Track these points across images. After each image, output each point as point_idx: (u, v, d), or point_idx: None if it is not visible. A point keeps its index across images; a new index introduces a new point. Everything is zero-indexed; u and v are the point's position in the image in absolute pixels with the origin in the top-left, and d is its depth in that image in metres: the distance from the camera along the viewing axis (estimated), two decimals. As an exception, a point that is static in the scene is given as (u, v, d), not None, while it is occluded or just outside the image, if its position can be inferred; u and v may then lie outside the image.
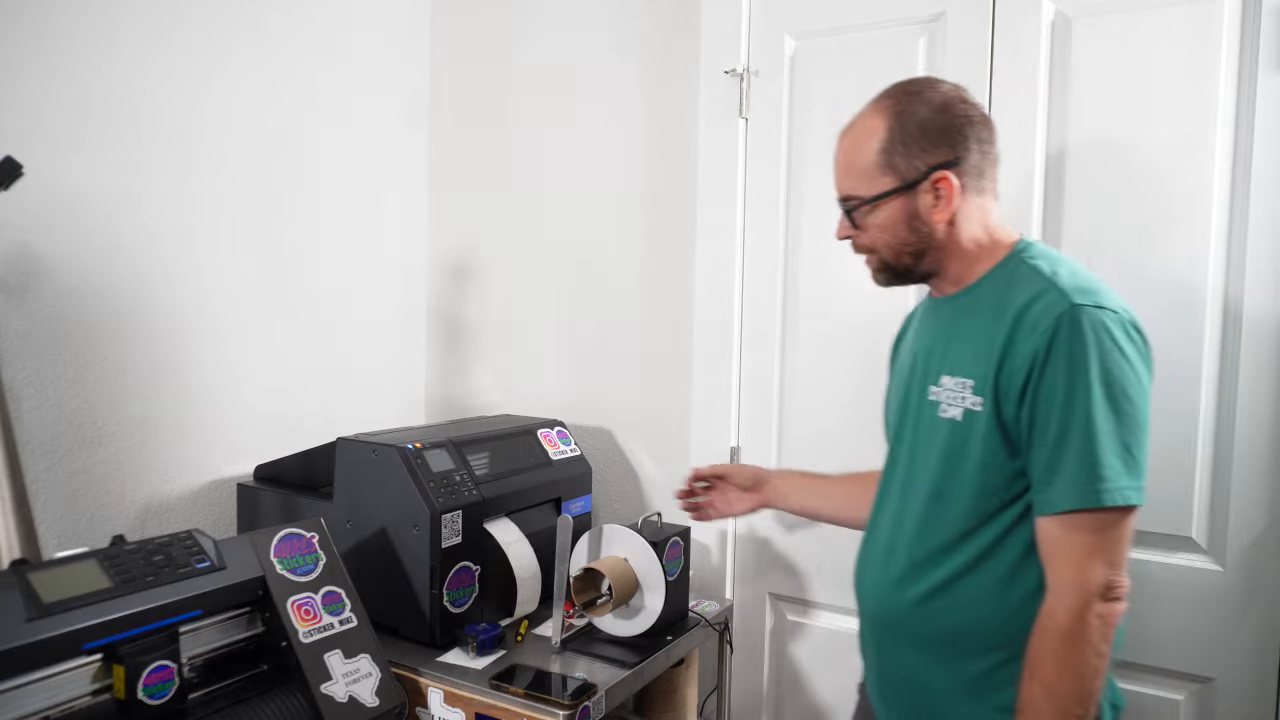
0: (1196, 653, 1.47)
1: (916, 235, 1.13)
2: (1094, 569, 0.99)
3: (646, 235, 1.98)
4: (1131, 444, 1.00)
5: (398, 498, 1.52)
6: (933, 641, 1.12)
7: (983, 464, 1.07)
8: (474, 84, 2.22)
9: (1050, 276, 1.06)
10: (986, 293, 1.12)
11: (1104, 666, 1.00)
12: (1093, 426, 0.98)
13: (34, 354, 1.51)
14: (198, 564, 1.22)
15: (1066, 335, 1.00)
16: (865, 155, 1.12)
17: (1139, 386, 1.01)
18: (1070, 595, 1.00)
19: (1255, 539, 1.42)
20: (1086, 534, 1.00)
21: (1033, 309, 1.03)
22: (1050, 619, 1.01)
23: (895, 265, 1.16)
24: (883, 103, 1.14)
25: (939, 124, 1.10)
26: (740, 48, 1.83)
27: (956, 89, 1.14)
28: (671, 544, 1.59)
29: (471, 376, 2.26)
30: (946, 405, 1.11)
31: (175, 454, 1.73)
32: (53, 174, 1.52)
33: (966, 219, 1.13)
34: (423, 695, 1.43)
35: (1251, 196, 1.40)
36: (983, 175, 1.14)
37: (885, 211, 1.13)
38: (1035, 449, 1.03)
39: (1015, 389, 1.03)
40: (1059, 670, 0.99)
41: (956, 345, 1.13)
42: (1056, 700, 0.99)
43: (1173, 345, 1.46)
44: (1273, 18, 1.38)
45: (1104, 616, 1.00)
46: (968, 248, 1.14)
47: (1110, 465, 0.98)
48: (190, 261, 1.74)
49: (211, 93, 1.76)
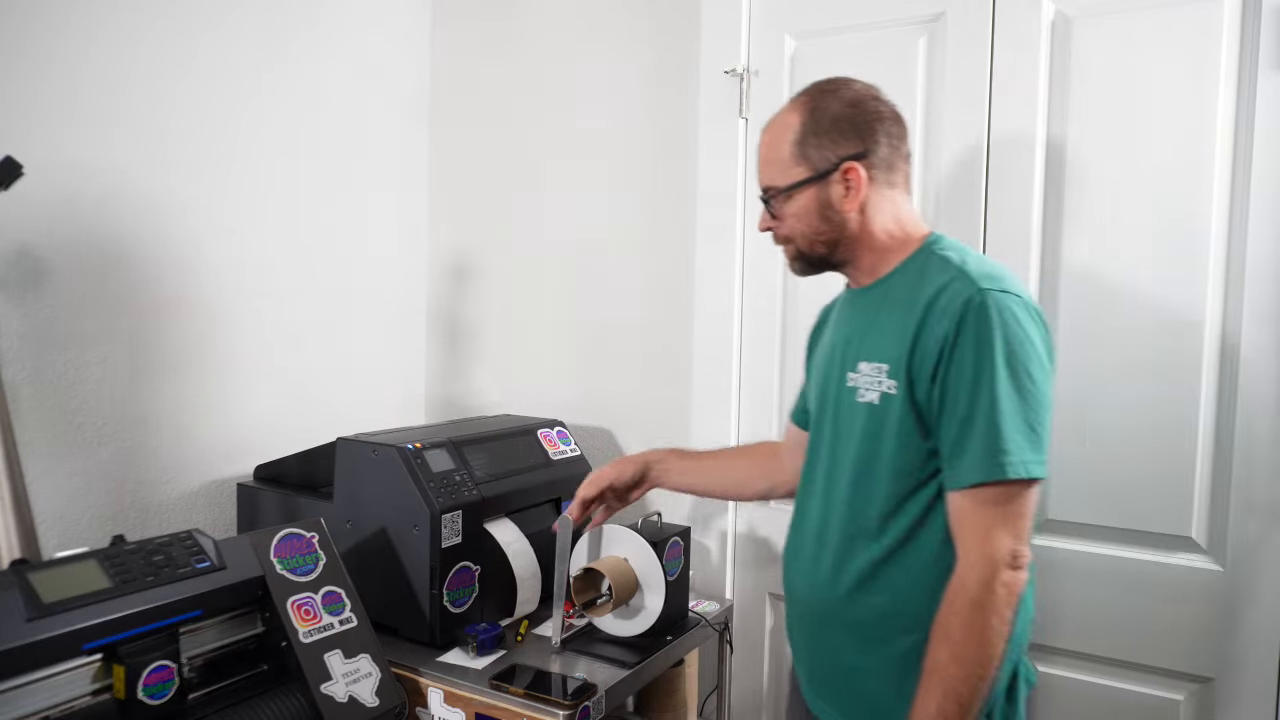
0: (1196, 653, 1.47)
1: (829, 224, 1.19)
2: (1000, 539, 1.04)
3: (647, 235, 1.98)
4: (1034, 421, 1.05)
5: (398, 498, 1.52)
6: (864, 624, 1.17)
7: (898, 444, 1.12)
8: (474, 84, 2.22)
9: (959, 265, 1.11)
10: (900, 283, 1.17)
11: (1007, 632, 1.05)
12: (997, 404, 1.04)
13: (34, 354, 1.51)
14: (198, 564, 1.22)
15: (974, 319, 1.05)
16: (781, 148, 1.19)
17: (1041, 367, 1.07)
18: (979, 565, 1.05)
19: (1255, 539, 1.42)
20: (992, 506, 1.05)
21: (943, 296, 1.09)
22: (960, 586, 1.06)
23: (810, 254, 1.22)
24: (799, 100, 1.21)
25: (849, 118, 1.17)
26: (740, 48, 1.83)
27: (869, 88, 1.21)
28: (671, 544, 1.59)
29: (471, 376, 2.26)
30: (864, 390, 1.16)
31: (175, 454, 1.73)
32: (52, 174, 1.52)
33: (877, 210, 1.19)
34: (423, 695, 1.43)
35: (1252, 196, 1.40)
36: (893, 169, 1.19)
37: (799, 201, 1.19)
38: (944, 428, 1.08)
39: (927, 371, 1.09)
40: (966, 634, 1.04)
41: (873, 333, 1.18)
42: (962, 663, 1.04)
43: (1173, 345, 1.46)
44: (1273, 18, 1.38)
45: (1009, 585, 1.05)
46: (880, 239, 1.20)
47: (1013, 440, 1.04)
48: (190, 261, 1.74)
49: (212, 93, 1.76)
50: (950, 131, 1.62)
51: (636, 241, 1.99)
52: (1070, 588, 1.55)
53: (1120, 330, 1.50)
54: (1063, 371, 1.54)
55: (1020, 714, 1.16)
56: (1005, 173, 1.58)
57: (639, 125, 1.98)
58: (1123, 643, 1.51)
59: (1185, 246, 1.45)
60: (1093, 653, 1.54)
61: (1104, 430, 1.52)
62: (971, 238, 1.60)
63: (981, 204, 1.60)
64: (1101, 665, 1.54)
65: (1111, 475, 1.51)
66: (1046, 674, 1.58)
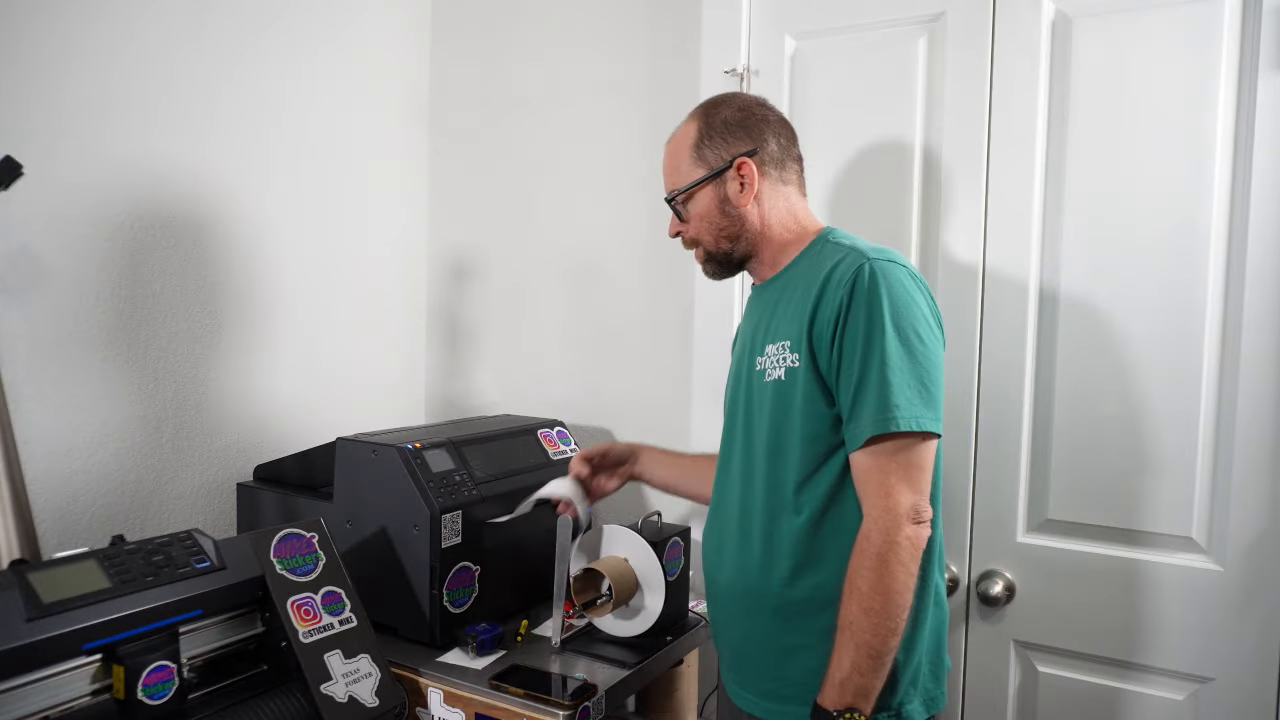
0: (1196, 653, 1.47)
1: (729, 219, 1.28)
2: (900, 493, 1.10)
3: (647, 235, 1.98)
4: (925, 379, 1.12)
5: (398, 498, 1.52)
6: (796, 603, 1.20)
7: (805, 413, 1.18)
8: (474, 84, 2.22)
9: (850, 245, 1.21)
10: (799, 272, 1.26)
11: (912, 584, 1.10)
12: (887, 362, 1.10)
13: (34, 354, 1.51)
14: (198, 564, 1.22)
15: (864, 285, 1.13)
16: (681, 154, 1.31)
17: (929, 329, 1.15)
18: (880, 519, 1.10)
19: (1255, 539, 1.42)
20: (888, 459, 1.11)
21: (836, 270, 1.17)
22: (866, 540, 1.11)
23: (716, 252, 1.31)
24: (695, 112, 1.33)
25: (739, 120, 1.28)
26: (740, 48, 1.83)
27: (757, 98, 1.33)
28: (671, 544, 1.59)
29: (471, 376, 2.26)
30: (770, 370, 1.23)
31: (175, 454, 1.73)
32: (52, 173, 1.52)
33: (772, 205, 1.29)
34: (423, 695, 1.43)
35: (1252, 197, 1.40)
36: (784, 167, 1.30)
37: (701, 200, 1.29)
38: (842, 391, 1.15)
39: (826, 340, 1.16)
40: (874, 587, 1.08)
41: (777, 319, 1.25)
42: (871, 615, 1.08)
43: (1172, 344, 1.46)
44: (1273, 18, 1.38)
45: (912, 538, 1.09)
46: (777, 231, 1.29)
47: (903, 394, 1.10)
48: (190, 261, 1.74)
49: (212, 94, 1.76)
50: (950, 131, 1.62)
51: (637, 241, 1.99)
52: (1070, 588, 1.55)
53: (1120, 330, 1.50)
54: (1063, 371, 1.55)
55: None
56: (1005, 173, 1.58)
57: (639, 125, 1.98)
58: (1123, 643, 1.51)
59: (1185, 246, 1.45)
60: (1093, 653, 1.54)
61: (1104, 430, 1.52)
62: (972, 237, 1.60)
63: (982, 204, 1.60)
64: (1101, 665, 1.54)
65: (1111, 475, 1.51)
66: (1046, 674, 1.58)
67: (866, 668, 1.08)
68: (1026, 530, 1.59)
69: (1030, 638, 1.59)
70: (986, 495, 1.61)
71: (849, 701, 1.09)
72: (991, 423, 1.60)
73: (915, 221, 1.66)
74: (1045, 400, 1.56)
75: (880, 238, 1.67)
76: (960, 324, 1.60)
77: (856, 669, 1.09)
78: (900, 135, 1.66)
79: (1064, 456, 1.55)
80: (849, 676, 1.09)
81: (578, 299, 2.08)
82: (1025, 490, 1.58)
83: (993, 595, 1.58)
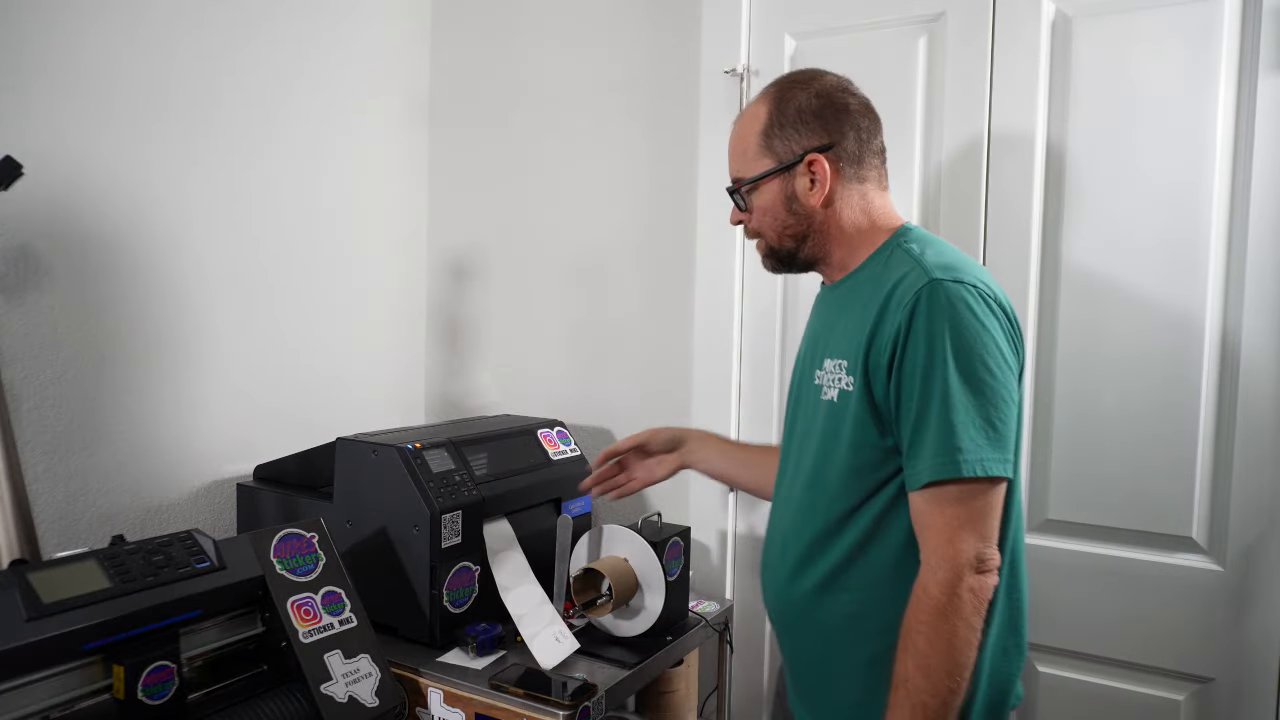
0: (1196, 653, 1.47)
1: (795, 217, 1.17)
2: (963, 541, 1.00)
3: (647, 235, 1.98)
4: (993, 416, 1.01)
5: (398, 498, 1.52)
6: (830, 627, 1.14)
7: (853, 443, 1.09)
8: (474, 84, 2.22)
9: (917, 257, 1.08)
10: (866, 277, 1.15)
11: (975, 639, 1.00)
12: (949, 399, 0.99)
13: (34, 354, 1.51)
14: (198, 564, 1.22)
15: (924, 309, 1.02)
16: (748, 140, 1.19)
17: (999, 358, 1.02)
18: (941, 568, 1.00)
19: (1255, 539, 1.42)
20: (952, 506, 1.00)
21: (899, 288, 1.06)
22: (924, 592, 1.01)
23: (779, 249, 1.21)
24: (768, 91, 1.19)
25: (815, 109, 1.15)
26: (740, 48, 1.83)
27: (840, 80, 1.19)
28: (671, 544, 1.59)
29: (471, 376, 2.26)
30: (826, 387, 1.14)
31: (175, 454, 1.73)
32: (52, 173, 1.52)
33: (845, 204, 1.17)
34: (423, 695, 1.43)
35: (1252, 197, 1.40)
36: (862, 163, 1.17)
37: (766, 194, 1.18)
38: (902, 425, 1.04)
39: (883, 366, 1.05)
40: (931, 643, 0.99)
41: (838, 329, 1.15)
42: (929, 674, 0.99)
43: (1173, 345, 1.46)
44: (1273, 18, 1.38)
45: (975, 590, 1.00)
46: (849, 233, 1.17)
47: (968, 436, 0.99)
48: (190, 261, 1.74)
49: (213, 94, 1.76)
50: (950, 131, 1.62)
51: (637, 241, 1.99)
52: (1070, 588, 1.55)
53: (1120, 330, 1.50)
54: (1063, 371, 1.55)
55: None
56: (1005, 173, 1.58)
57: (639, 125, 1.98)
58: (1123, 643, 1.52)
59: (1185, 246, 1.45)
60: (1093, 653, 1.54)
61: (1104, 430, 1.52)
62: (972, 238, 1.60)
63: (982, 204, 1.60)
64: (1101, 665, 1.54)
65: (1111, 475, 1.51)
66: (1047, 674, 1.58)
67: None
68: (1026, 530, 1.59)
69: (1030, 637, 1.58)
70: (986, 495, 1.60)
71: None
72: (991, 423, 1.59)
73: (915, 221, 1.66)
74: (1045, 400, 1.56)
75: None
76: (960, 324, 1.60)
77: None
78: (900, 135, 1.66)
79: (1064, 456, 1.55)
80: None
81: (578, 299, 2.08)
82: (1025, 490, 1.58)
83: (993, 595, 1.58)
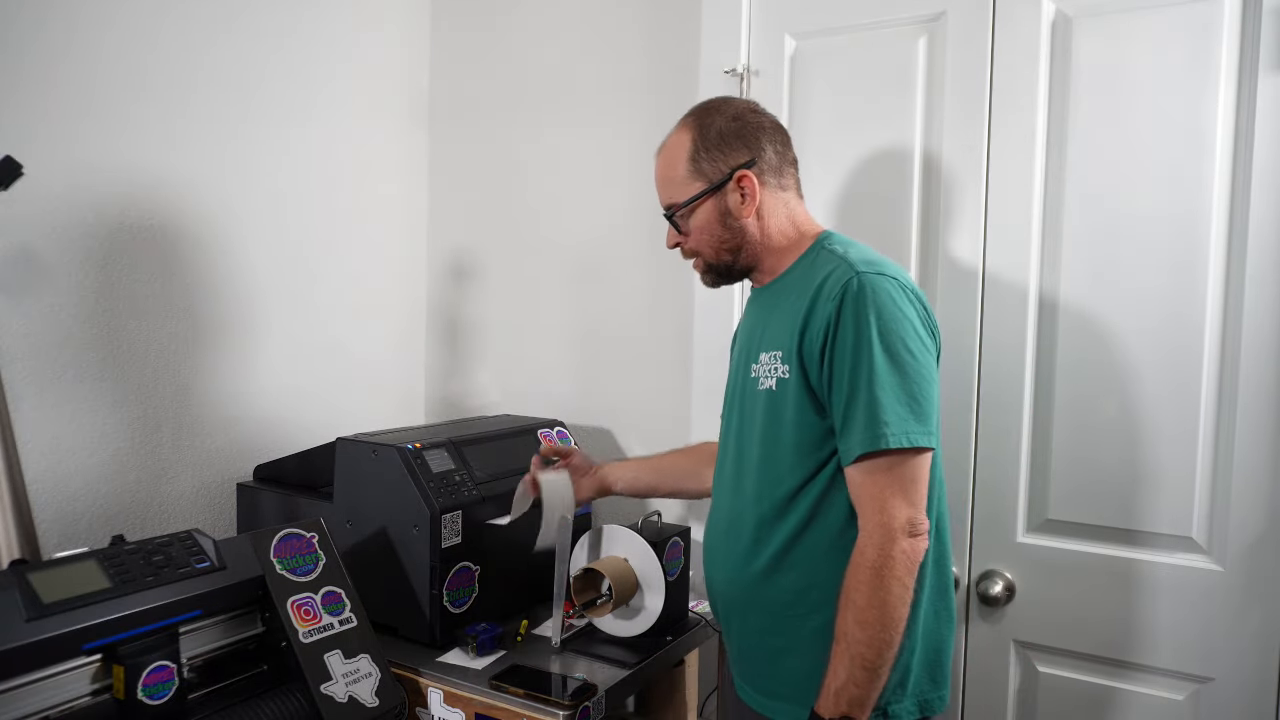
0: (1196, 653, 1.47)
1: (731, 231, 1.27)
2: (895, 508, 1.10)
3: (647, 235, 1.97)
4: (915, 391, 1.11)
5: (398, 498, 1.52)
6: (778, 604, 1.22)
7: (796, 423, 1.19)
8: (474, 84, 2.22)
9: (841, 255, 1.20)
10: (795, 278, 1.26)
11: (908, 598, 1.10)
12: (875, 378, 1.10)
13: (34, 354, 1.51)
14: (198, 564, 1.22)
15: (851, 299, 1.13)
16: (677, 167, 1.28)
17: (918, 341, 1.14)
18: (877, 533, 1.10)
19: (1255, 539, 1.42)
20: (882, 475, 1.11)
21: (827, 283, 1.17)
22: (861, 555, 1.11)
23: (717, 263, 1.30)
24: (686, 121, 1.30)
25: (734, 130, 1.26)
26: (740, 48, 1.83)
27: (749, 103, 1.31)
28: (671, 544, 1.59)
29: (471, 376, 2.26)
30: (763, 378, 1.24)
31: (175, 454, 1.73)
32: (53, 173, 1.52)
33: (772, 213, 1.28)
34: (423, 695, 1.43)
35: (1252, 197, 1.40)
36: (782, 174, 1.29)
37: (701, 214, 1.27)
38: (834, 405, 1.15)
39: (816, 353, 1.16)
40: (869, 600, 1.09)
41: (771, 326, 1.25)
42: (866, 628, 1.09)
43: (1173, 344, 1.46)
44: (1273, 18, 1.38)
45: (907, 552, 1.10)
46: (777, 240, 1.28)
47: (893, 410, 1.10)
48: (190, 261, 1.74)
49: (213, 94, 1.76)
50: (950, 131, 1.62)
51: (636, 241, 1.99)
52: (1070, 588, 1.55)
53: (1120, 330, 1.50)
54: (1063, 371, 1.55)
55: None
56: (1005, 173, 1.58)
57: (639, 125, 1.98)
58: (1123, 643, 1.51)
59: (1186, 247, 1.45)
60: (1093, 653, 1.54)
61: (1104, 430, 1.52)
62: (972, 237, 1.60)
63: (982, 204, 1.60)
64: (1101, 665, 1.54)
65: (1111, 475, 1.51)
66: (1046, 674, 1.58)
67: (861, 679, 1.09)
68: (1026, 530, 1.59)
69: (1030, 638, 1.59)
70: (986, 495, 1.61)
71: (844, 710, 1.10)
72: (992, 422, 1.60)
73: (915, 221, 1.66)
74: (1045, 399, 1.56)
75: (880, 238, 1.67)
76: (960, 323, 1.60)
77: (852, 680, 1.10)
78: (900, 135, 1.66)
79: (1064, 456, 1.55)
80: (844, 687, 1.10)
81: (578, 299, 2.08)
82: (1025, 490, 1.58)
83: (993, 595, 1.58)
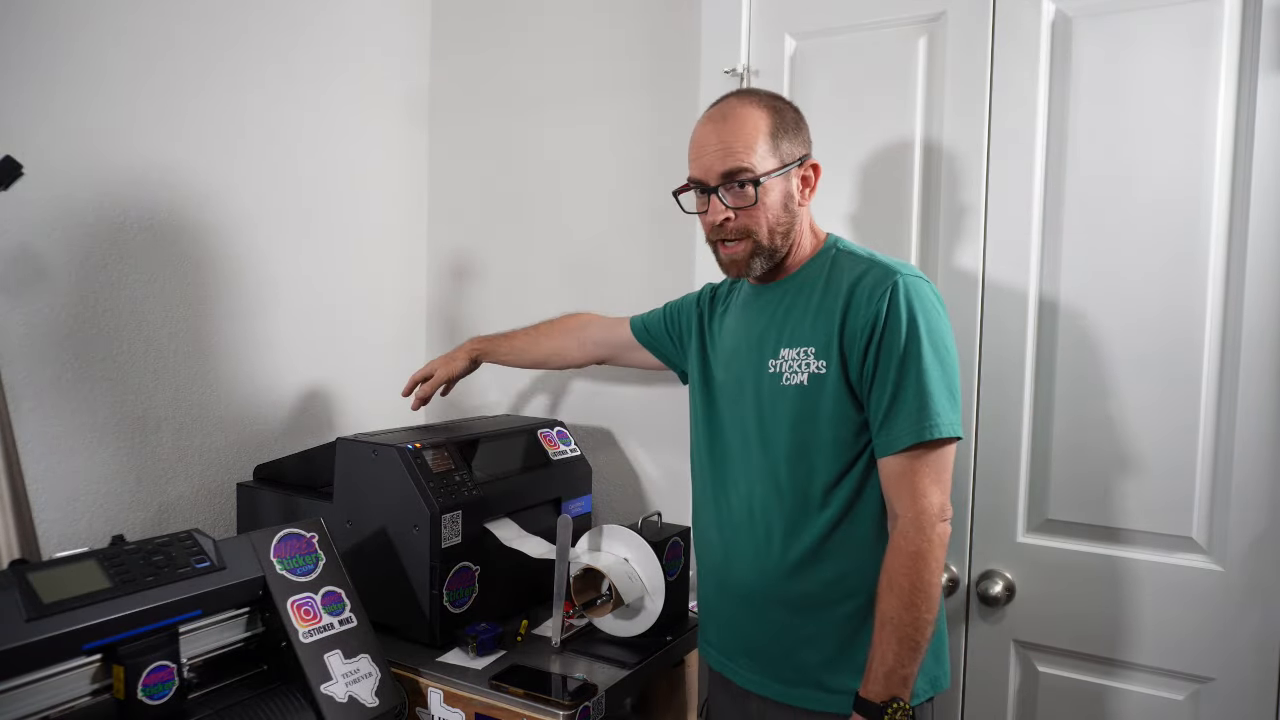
0: (1196, 653, 1.47)
1: (790, 215, 1.29)
2: (932, 494, 1.18)
3: (646, 235, 1.98)
4: (953, 387, 1.20)
5: (398, 498, 1.52)
6: (809, 596, 1.27)
7: (834, 418, 1.23)
8: (474, 84, 2.22)
9: (868, 257, 1.28)
10: (814, 276, 1.30)
11: (942, 577, 1.19)
12: (925, 374, 1.17)
13: (34, 354, 1.51)
14: (198, 564, 1.22)
15: (901, 300, 1.19)
16: (756, 138, 1.25)
17: (951, 340, 1.23)
18: (918, 519, 1.17)
19: (1255, 539, 1.42)
20: (924, 464, 1.18)
21: (863, 282, 1.23)
22: (903, 539, 1.17)
23: (770, 246, 1.29)
24: (751, 98, 1.29)
25: (800, 122, 1.31)
26: (740, 48, 1.83)
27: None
28: (671, 544, 1.59)
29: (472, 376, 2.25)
30: (789, 374, 1.26)
31: (175, 454, 1.73)
32: (53, 173, 1.52)
33: (807, 211, 1.34)
34: (423, 695, 1.43)
35: (1252, 197, 1.40)
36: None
37: (773, 191, 1.27)
38: (875, 399, 1.20)
39: (858, 350, 1.21)
40: (914, 584, 1.15)
41: (791, 322, 1.29)
42: (912, 609, 1.15)
43: (1172, 344, 1.46)
44: (1273, 18, 1.38)
45: (942, 535, 1.18)
46: (806, 235, 1.34)
47: (941, 403, 1.17)
48: (189, 261, 1.74)
49: (213, 94, 1.76)
50: (950, 131, 1.62)
51: (636, 241, 1.99)
52: (1070, 588, 1.55)
53: (1120, 330, 1.50)
54: (1063, 371, 1.55)
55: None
56: (1005, 173, 1.58)
57: (639, 125, 1.98)
58: (1123, 643, 1.51)
59: (1185, 247, 1.45)
60: (1093, 653, 1.54)
61: (1104, 430, 1.52)
62: (972, 237, 1.60)
63: (982, 204, 1.60)
64: (1102, 665, 1.54)
65: (1111, 475, 1.51)
66: (1046, 674, 1.58)
67: (908, 658, 1.15)
68: (1026, 530, 1.59)
69: (1030, 638, 1.59)
70: (986, 495, 1.61)
71: (894, 692, 1.15)
72: (991, 422, 1.59)
73: (915, 221, 1.66)
74: (1045, 399, 1.56)
75: (880, 238, 1.67)
76: (960, 322, 1.60)
77: (899, 660, 1.14)
78: (900, 135, 1.66)
79: (1064, 456, 1.55)
80: (893, 669, 1.15)
81: (578, 298, 2.08)
82: (1025, 490, 1.58)
83: (993, 595, 1.58)
